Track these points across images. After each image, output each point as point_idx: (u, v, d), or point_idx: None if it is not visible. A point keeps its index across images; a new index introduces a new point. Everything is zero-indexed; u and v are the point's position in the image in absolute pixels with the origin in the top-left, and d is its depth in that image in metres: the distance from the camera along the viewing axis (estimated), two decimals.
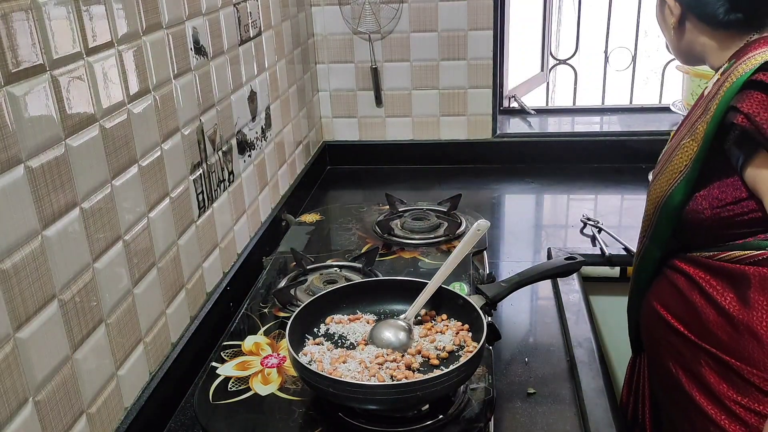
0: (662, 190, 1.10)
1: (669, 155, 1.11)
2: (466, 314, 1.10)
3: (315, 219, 1.69)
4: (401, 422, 0.99)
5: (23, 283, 0.78)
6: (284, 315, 1.27)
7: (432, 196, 1.80)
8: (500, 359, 1.23)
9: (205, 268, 1.28)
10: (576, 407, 1.11)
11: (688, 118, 1.14)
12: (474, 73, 2.04)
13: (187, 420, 1.09)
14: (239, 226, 1.46)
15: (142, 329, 1.05)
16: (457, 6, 1.98)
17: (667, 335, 1.15)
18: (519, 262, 1.54)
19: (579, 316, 1.35)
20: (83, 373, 0.90)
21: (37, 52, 0.80)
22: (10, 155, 0.76)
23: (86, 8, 0.89)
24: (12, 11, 0.76)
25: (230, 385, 1.09)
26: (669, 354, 1.15)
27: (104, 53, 0.94)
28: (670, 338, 1.14)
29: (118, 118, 0.98)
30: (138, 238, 1.03)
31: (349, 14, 2.02)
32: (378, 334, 1.06)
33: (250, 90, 1.51)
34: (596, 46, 2.49)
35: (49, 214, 0.82)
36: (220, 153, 1.34)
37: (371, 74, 2.07)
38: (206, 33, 1.27)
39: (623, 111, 2.30)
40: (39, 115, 0.80)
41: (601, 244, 1.62)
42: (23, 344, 0.78)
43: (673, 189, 1.08)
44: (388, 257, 1.47)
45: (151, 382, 1.07)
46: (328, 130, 2.17)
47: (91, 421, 0.92)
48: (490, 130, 2.11)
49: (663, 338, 1.16)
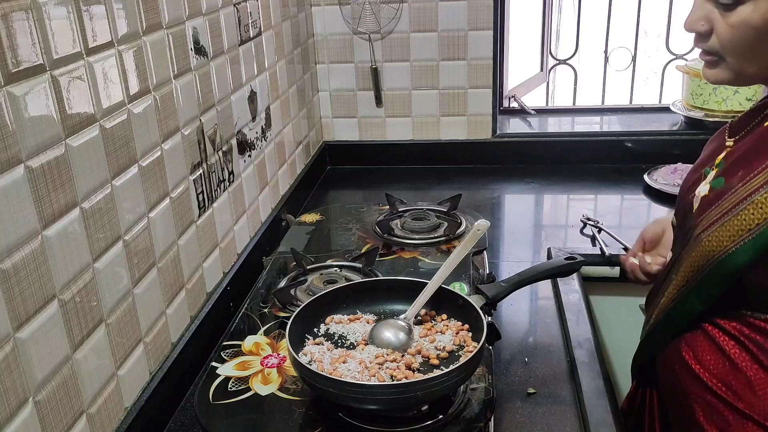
0: (720, 245, 0.94)
1: (733, 205, 0.93)
2: (466, 314, 1.10)
3: (315, 219, 1.69)
4: (401, 422, 0.99)
5: (23, 282, 0.78)
6: (284, 315, 1.27)
7: (432, 196, 1.80)
8: (500, 359, 1.23)
9: (205, 268, 1.28)
10: (576, 407, 1.11)
11: (742, 152, 0.97)
12: (474, 73, 2.04)
13: (187, 420, 1.09)
14: (239, 226, 1.46)
15: (142, 329, 1.05)
16: (457, 6, 1.98)
17: (701, 393, 1.02)
18: (519, 262, 1.54)
19: (579, 316, 1.35)
20: (83, 373, 0.90)
21: (37, 52, 0.80)
22: (10, 155, 0.76)
23: (86, 8, 0.89)
24: (12, 11, 0.76)
25: (230, 385, 1.09)
26: (704, 413, 1.02)
27: (104, 53, 0.94)
28: (706, 397, 1.01)
29: (118, 118, 0.98)
30: (138, 238, 1.03)
31: (349, 14, 2.02)
32: (378, 334, 1.06)
33: (250, 90, 1.51)
34: (596, 46, 2.49)
35: (49, 214, 0.82)
36: (220, 153, 1.34)
37: (371, 74, 2.07)
38: (206, 33, 1.27)
39: (623, 111, 2.30)
40: (39, 115, 0.80)
41: (601, 244, 1.62)
42: (23, 344, 0.78)
43: (737, 248, 0.92)
44: (388, 257, 1.47)
45: (151, 382, 1.07)
46: (328, 130, 2.17)
47: (91, 421, 0.92)
48: (490, 130, 2.11)
49: (696, 395, 1.03)
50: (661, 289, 1.09)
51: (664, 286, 1.08)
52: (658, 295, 1.10)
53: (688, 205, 1.03)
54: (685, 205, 1.05)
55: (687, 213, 1.03)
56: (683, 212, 1.06)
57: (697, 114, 2.08)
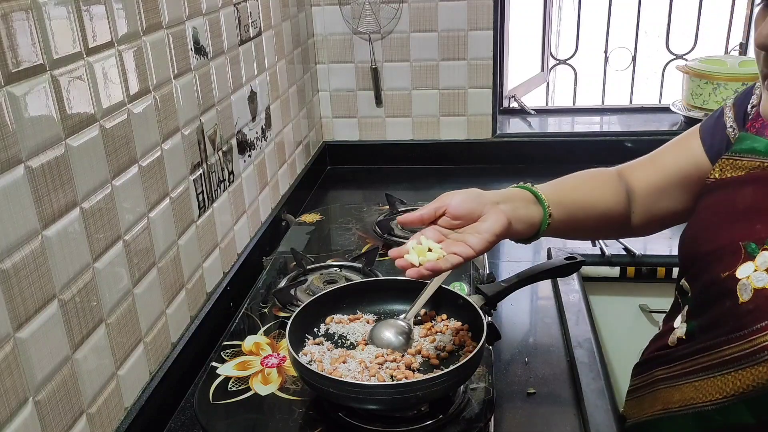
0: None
1: None
2: (466, 314, 1.10)
3: (315, 219, 1.69)
4: (401, 422, 0.99)
5: (23, 282, 0.78)
6: (284, 315, 1.27)
7: (432, 196, 1.78)
8: (500, 359, 1.23)
9: (205, 268, 1.28)
10: (576, 408, 1.11)
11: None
12: (474, 73, 2.04)
13: (187, 420, 1.09)
14: (239, 226, 1.46)
15: (142, 329, 1.05)
16: (457, 6, 1.98)
17: None
18: (519, 262, 1.54)
19: (579, 316, 1.35)
20: (83, 373, 0.90)
21: (37, 52, 0.80)
22: (10, 155, 0.76)
23: (86, 8, 0.89)
24: (12, 11, 0.76)
25: (230, 385, 1.09)
26: None
27: (104, 53, 0.94)
28: None
29: (118, 118, 0.98)
30: (138, 238, 1.03)
31: (349, 14, 2.02)
32: (378, 334, 1.06)
33: (250, 90, 1.51)
34: (596, 46, 2.49)
35: (49, 214, 0.82)
36: (220, 153, 1.34)
37: (371, 74, 2.07)
38: (206, 33, 1.27)
39: (623, 111, 2.30)
40: (39, 115, 0.80)
41: (601, 244, 1.62)
42: (23, 344, 0.78)
43: None
44: (388, 257, 1.47)
45: (151, 382, 1.07)
46: (328, 130, 2.17)
47: (91, 421, 0.92)
48: (490, 130, 2.11)
49: None
50: (680, 365, 0.88)
51: (687, 367, 0.87)
52: (673, 370, 0.90)
53: (724, 287, 0.82)
54: (716, 283, 0.84)
55: (721, 295, 0.83)
56: (713, 291, 0.85)
57: (697, 114, 2.08)
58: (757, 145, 0.86)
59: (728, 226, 0.85)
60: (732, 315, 0.81)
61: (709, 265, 0.86)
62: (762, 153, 0.86)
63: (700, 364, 0.86)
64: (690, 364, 0.88)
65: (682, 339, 0.91)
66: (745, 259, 0.81)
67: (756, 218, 0.82)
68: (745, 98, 0.95)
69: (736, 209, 0.86)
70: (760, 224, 0.81)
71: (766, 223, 0.81)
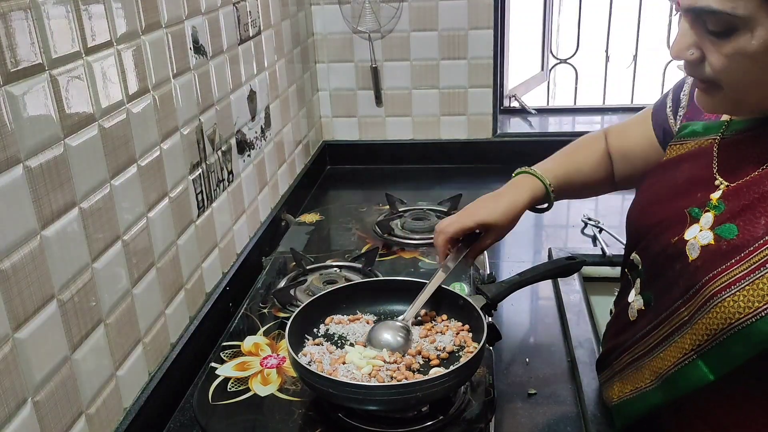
0: (749, 307, 0.79)
1: (765, 260, 0.79)
2: (467, 314, 1.10)
3: (315, 219, 1.69)
4: (401, 423, 0.98)
5: (22, 283, 0.78)
6: (284, 315, 1.26)
7: (432, 196, 1.79)
8: (501, 360, 1.23)
9: (205, 268, 1.28)
10: (577, 408, 1.11)
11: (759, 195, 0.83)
12: (474, 72, 2.04)
13: (186, 420, 1.09)
14: (239, 226, 1.45)
15: (141, 329, 1.05)
16: (457, 5, 1.97)
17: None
18: (519, 263, 1.54)
19: (580, 316, 1.35)
20: (82, 374, 0.89)
21: (36, 52, 0.80)
22: (8, 155, 0.75)
23: (85, 7, 0.89)
24: (11, 10, 0.75)
25: (230, 386, 1.09)
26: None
27: (103, 53, 0.94)
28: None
29: (117, 117, 0.97)
30: (137, 238, 1.03)
31: (349, 13, 2.02)
32: (376, 336, 1.06)
33: (249, 89, 1.51)
34: (597, 45, 2.49)
35: (47, 214, 0.82)
36: (220, 153, 1.34)
37: (371, 74, 2.07)
38: (205, 32, 1.27)
39: (624, 111, 2.30)
40: (38, 115, 0.80)
41: (602, 245, 1.62)
42: (22, 344, 0.78)
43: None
44: (388, 257, 1.47)
45: (150, 383, 1.06)
46: (328, 130, 2.17)
47: (90, 422, 0.91)
48: (491, 129, 2.11)
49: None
50: (643, 343, 0.95)
51: (650, 342, 0.93)
52: (638, 350, 0.96)
53: (674, 251, 0.89)
54: (666, 248, 0.91)
55: (671, 259, 0.90)
56: (664, 257, 0.92)
57: None
58: (696, 127, 0.97)
59: (672, 199, 0.94)
60: (684, 274, 0.87)
61: (659, 234, 0.94)
62: (701, 133, 0.96)
63: (661, 335, 0.91)
64: (652, 338, 0.92)
65: (642, 310, 0.97)
66: (691, 223, 0.89)
67: (695, 187, 0.91)
68: (679, 86, 1.07)
69: (677, 183, 0.95)
70: (700, 192, 0.90)
71: (704, 190, 0.89)
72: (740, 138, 0.90)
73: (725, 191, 0.87)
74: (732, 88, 0.81)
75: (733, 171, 0.88)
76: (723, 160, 0.91)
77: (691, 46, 0.81)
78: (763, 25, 0.73)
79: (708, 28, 0.77)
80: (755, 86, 0.80)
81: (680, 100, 1.05)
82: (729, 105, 0.85)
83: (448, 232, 1.13)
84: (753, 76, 0.78)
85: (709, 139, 0.94)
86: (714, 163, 0.91)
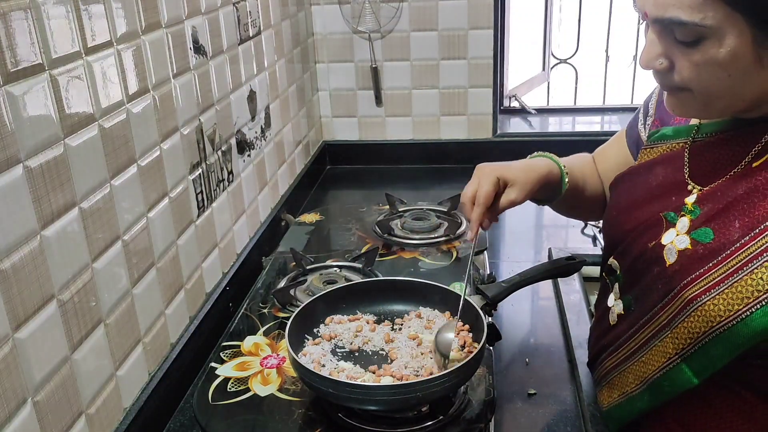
0: (730, 310, 0.79)
1: (742, 263, 0.79)
2: (467, 315, 1.10)
3: (315, 219, 1.69)
4: (401, 423, 0.98)
5: (22, 283, 0.78)
6: (284, 315, 1.26)
7: (432, 196, 1.79)
8: (501, 360, 1.23)
9: (205, 268, 1.28)
10: (577, 408, 1.11)
11: (733, 198, 0.84)
12: (474, 72, 2.04)
13: (186, 420, 1.09)
14: (238, 226, 1.45)
15: (141, 329, 1.05)
16: (457, 5, 1.97)
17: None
18: (519, 263, 1.54)
19: (580, 316, 1.34)
20: (82, 374, 0.89)
21: (36, 52, 0.80)
22: (8, 155, 0.75)
23: (85, 7, 0.89)
24: (11, 10, 0.75)
25: (229, 386, 1.09)
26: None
27: (103, 53, 0.94)
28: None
29: (117, 117, 0.97)
30: (137, 238, 1.03)
31: (349, 13, 2.02)
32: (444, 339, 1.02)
33: (249, 89, 1.51)
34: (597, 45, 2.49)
35: (47, 214, 0.82)
36: (220, 153, 1.34)
37: (371, 74, 2.07)
38: (205, 32, 1.27)
39: (624, 110, 2.30)
40: (38, 115, 0.80)
41: (602, 245, 1.61)
42: (22, 344, 0.78)
43: (752, 312, 0.78)
44: (388, 257, 1.47)
45: (150, 383, 1.06)
46: (327, 130, 2.17)
47: (90, 422, 0.91)
48: (491, 129, 2.11)
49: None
50: (626, 347, 0.96)
51: (632, 346, 0.94)
52: (621, 354, 0.97)
53: (652, 255, 0.90)
54: (644, 253, 0.92)
55: (649, 264, 0.91)
56: (642, 261, 0.93)
57: None
58: (666, 131, 0.98)
59: (647, 203, 0.95)
60: (662, 278, 0.88)
61: (635, 239, 0.95)
62: (671, 137, 0.97)
63: (643, 338, 0.92)
64: (634, 342, 0.94)
65: (622, 315, 0.98)
66: (667, 227, 0.90)
67: (669, 192, 0.92)
68: (648, 99, 1.08)
69: (651, 187, 0.96)
70: (674, 196, 0.91)
71: (678, 194, 0.90)
72: (711, 141, 0.91)
73: (700, 195, 0.88)
74: (702, 94, 0.82)
75: (706, 174, 0.89)
76: (695, 164, 0.91)
77: (660, 56, 0.82)
78: (731, 34, 0.74)
79: (676, 38, 0.78)
80: (724, 91, 0.80)
81: (649, 109, 1.06)
82: (698, 108, 0.85)
83: (484, 204, 1.09)
84: (723, 82, 0.79)
85: (680, 143, 0.95)
86: (686, 167, 0.92)
